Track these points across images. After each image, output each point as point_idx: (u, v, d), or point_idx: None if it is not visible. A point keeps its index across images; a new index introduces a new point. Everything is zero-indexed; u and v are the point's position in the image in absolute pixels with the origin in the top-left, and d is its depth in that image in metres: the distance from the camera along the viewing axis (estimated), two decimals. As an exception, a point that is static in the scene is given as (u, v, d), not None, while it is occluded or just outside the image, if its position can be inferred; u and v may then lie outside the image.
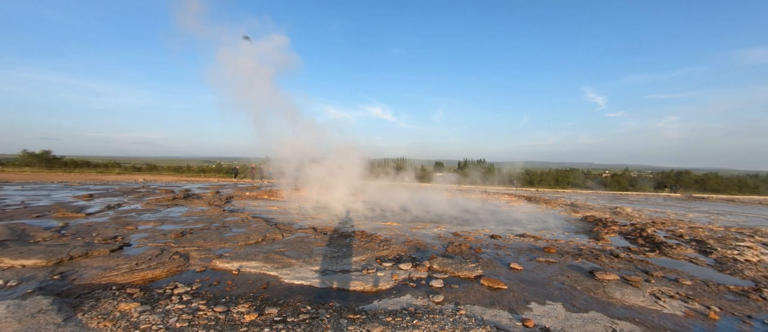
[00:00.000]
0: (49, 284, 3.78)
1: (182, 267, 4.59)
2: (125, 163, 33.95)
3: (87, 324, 2.90)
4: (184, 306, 3.33)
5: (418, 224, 8.96)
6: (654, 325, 3.34)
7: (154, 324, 2.94)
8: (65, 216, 7.81)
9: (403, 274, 4.55)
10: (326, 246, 5.87)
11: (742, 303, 4.03)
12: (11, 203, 9.49)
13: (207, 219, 8.21)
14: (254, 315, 3.17)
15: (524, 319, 3.27)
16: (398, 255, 5.56)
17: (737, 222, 11.32)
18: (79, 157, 34.42)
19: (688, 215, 13.08)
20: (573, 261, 5.53)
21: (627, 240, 7.79)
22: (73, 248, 5.00)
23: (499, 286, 4.22)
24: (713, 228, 9.19)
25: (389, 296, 3.86)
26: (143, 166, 32.90)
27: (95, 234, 6.09)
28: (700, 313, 3.68)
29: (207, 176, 28.02)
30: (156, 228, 7.00)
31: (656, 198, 23.38)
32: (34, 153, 27.42)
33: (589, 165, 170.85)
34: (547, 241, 7.14)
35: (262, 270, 4.56)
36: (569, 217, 11.60)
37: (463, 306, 3.60)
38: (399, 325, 3.07)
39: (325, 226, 7.89)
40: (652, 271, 5.10)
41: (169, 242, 5.80)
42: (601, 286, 4.36)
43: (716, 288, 4.53)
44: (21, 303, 3.11)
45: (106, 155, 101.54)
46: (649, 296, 4.09)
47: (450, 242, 6.64)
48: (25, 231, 6.04)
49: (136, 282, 4.01)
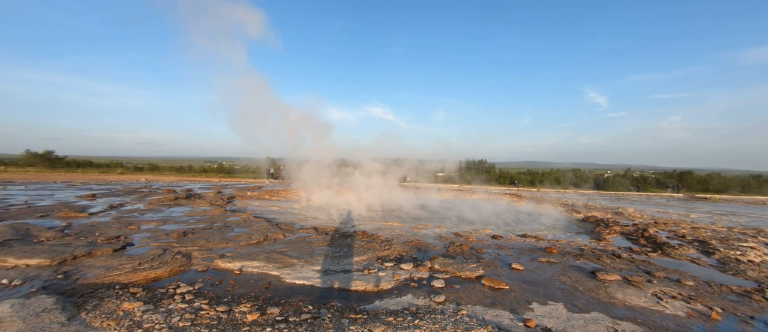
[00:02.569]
0: (52, 283, 3.81)
1: (184, 266, 4.61)
2: (127, 163, 34.09)
3: (90, 323, 2.92)
4: (187, 305, 3.35)
5: (419, 224, 8.96)
6: (656, 326, 3.34)
7: (156, 323, 2.96)
8: (68, 216, 7.86)
9: (404, 274, 4.56)
10: (327, 246, 5.88)
11: (745, 304, 4.01)
12: (15, 203, 9.55)
13: (209, 219, 8.24)
14: (256, 314, 3.18)
15: (526, 319, 3.27)
16: (399, 255, 5.56)
17: (740, 223, 11.27)
18: (81, 157, 34.61)
19: (691, 215, 13.03)
20: (574, 262, 5.52)
21: (629, 241, 7.77)
22: (77, 248, 5.03)
23: (501, 286, 4.22)
24: (716, 229, 9.16)
25: (390, 296, 3.87)
26: (145, 166, 33.04)
27: (98, 234, 6.12)
28: (703, 314, 3.67)
29: (209, 176, 28.10)
30: (158, 227, 7.02)
31: (658, 198, 23.29)
32: (37, 153, 27.60)
33: (591, 165, 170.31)
34: (548, 241, 7.13)
35: (264, 269, 4.58)
36: (571, 218, 11.57)
37: (464, 306, 3.60)
38: (400, 325, 3.08)
39: (327, 226, 7.90)
40: (654, 272, 5.09)
41: (172, 242, 5.83)
42: (603, 287, 4.36)
43: (718, 288, 4.51)
44: (25, 302, 3.14)
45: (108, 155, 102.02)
46: (651, 296, 4.08)
47: (451, 242, 6.63)
48: (28, 230, 6.07)
49: (138, 281, 4.04)
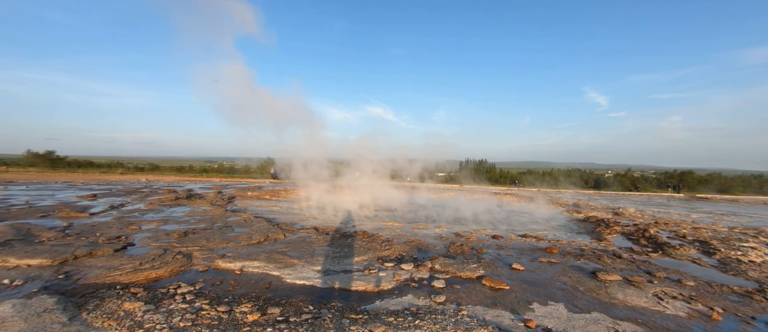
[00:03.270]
0: (53, 283, 3.81)
1: (185, 266, 4.62)
2: (128, 163, 34.13)
3: (92, 323, 2.93)
4: (188, 305, 3.35)
5: (420, 224, 8.96)
6: (657, 326, 3.34)
7: (157, 323, 2.96)
8: (69, 216, 7.87)
9: (404, 274, 4.56)
10: (328, 247, 5.88)
11: (746, 304, 4.01)
12: (16, 203, 9.57)
13: (209, 219, 8.24)
14: (257, 314, 3.18)
15: (526, 320, 3.27)
16: (400, 255, 5.56)
17: (741, 223, 11.25)
18: (82, 157, 34.66)
19: (692, 215, 13.02)
20: (575, 262, 5.52)
21: (629, 241, 7.76)
22: (78, 248, 5.04)
23: (501, 287, 4.22)
24: (717, 229, 9.14)
25: (391, 296, 3.87)
26: (146, 166, 33.06)
27: (99, 234, 6.13)
28: (703, 314, 3.66)
29: (209, 176, 28.13)
30: (159, 228, 7.03)
31: (659, 198, 23.27)
32: (38, 153, 27.62)
33: (591, 165, 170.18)
34: (549, 242, 7.13)
35: (265, 270, 4.58)
36: (571, 217, 11.56)
37: (464, 306, 3.60)
38: (401, 325, 3.08)
39: (327, 226, 7.90)
40: (655, 272, 5.08)
41: (172, 242, 5.83)
42: (604, 287, 4.35)
43: (719, 289, 4.51)
44: (26, 302, 3.14)
45: (109, 155, 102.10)
46: (651, 297, 4.08)
47: (451, 242, 6.63)
48: (29, 230, 6.08)
49: (139, 281, 4.04)
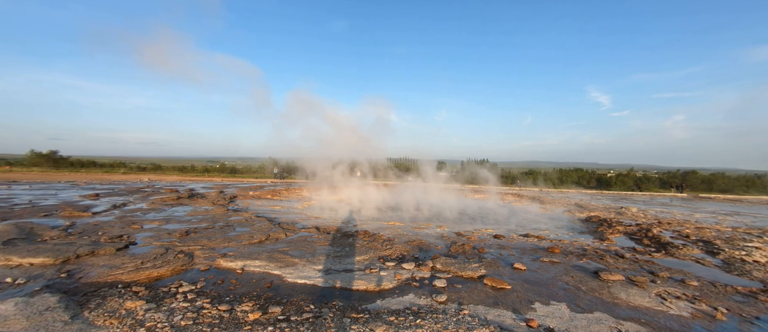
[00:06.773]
0: (56, 282, 3.83)
1: (187, 265, 4.62)
2: (130, 162, 34.28)
3: (94, 321, 2.93)
4: (189, 304, 3.36)
5: (421, 224, 8.95)
6: (660, 326, 3.31)
7: (159, 322, 2.97)
8: (72, 216, 7.90)
9: (406, 274, 4.55)
10: (329, 246, 5.88)
11: (750, 305, 3.98)
12: (19, 202, 9.62)
13: (211, 218, 8.26)
14: (258, 313, 3.18)
15: (528, 319, 3.25)
16: (401, 254, 5.55)
17: (745, 223, 11.17)
18: (85, 157, 34.79)
19: (695, 215, 12.93)
20: (577, 262, 5.49)
21: (632, 241, 7.72)
22: (80, 247, 5.06)
23: (503, 286, 4.20)
24: (720, 229, 9.08)
25: (392, 295, 3.86)
26: (148, 165, 33.15)
27: (101, 233, 6.15)
28: (707, 314, 3.64)
29: (211, 176, 28.20)
30: (161, 227, 7.05)
31: (662, 198, 23.14)
32: (41, 153, 27.76)
33: (594, 164, 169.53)
34: (551, 241, 7.10)
35: (266, 269, 4.59)
36: (573, 217, 11.51)
37: (466, 305, 3.59)
38: (402, 325, 3.07)
39: (328, 226, 7.90)
40: (658, 272, 5.05)
41: (174, 241, 5.85)
42: (606, 287, 4.33)
43: (723, 289, 4.47)
44: (29, 300, 3.16)
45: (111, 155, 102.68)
46: (654, 297, 4.05)
47: (453, 242, 6.62)
48: (32, 229, 6.11)
49: (141, 280, 4.05)
